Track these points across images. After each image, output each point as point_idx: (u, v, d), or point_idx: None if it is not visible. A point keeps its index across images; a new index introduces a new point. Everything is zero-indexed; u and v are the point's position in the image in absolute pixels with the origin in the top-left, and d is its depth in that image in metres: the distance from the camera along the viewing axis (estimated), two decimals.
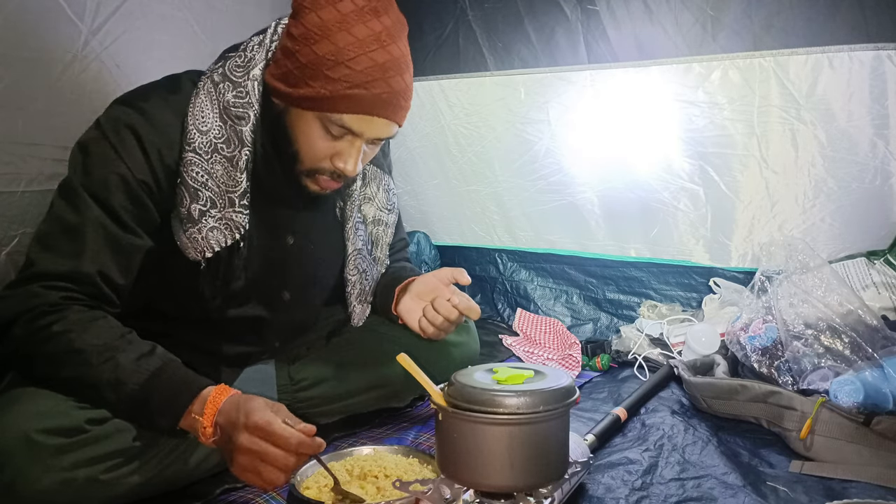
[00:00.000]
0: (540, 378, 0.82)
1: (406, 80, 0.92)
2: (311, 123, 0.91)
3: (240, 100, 0.93)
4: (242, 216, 0.95)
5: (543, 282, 1.99)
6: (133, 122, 0.90)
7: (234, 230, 0.94)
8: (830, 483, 1.00)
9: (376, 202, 1.17)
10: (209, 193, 0.93)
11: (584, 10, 1.72)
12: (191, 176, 0.91)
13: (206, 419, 0.81)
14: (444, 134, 2.02)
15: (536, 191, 1.93)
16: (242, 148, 0.93)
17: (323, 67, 0.87)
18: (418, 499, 0.82)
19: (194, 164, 0.91)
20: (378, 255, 1.19)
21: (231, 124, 0.93)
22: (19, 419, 0.80)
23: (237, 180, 0.93)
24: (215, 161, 0.92)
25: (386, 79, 0.88)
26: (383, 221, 1.19)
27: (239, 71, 0.94)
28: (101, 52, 1.35)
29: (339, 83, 0.87)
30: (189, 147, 0.91)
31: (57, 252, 0.88)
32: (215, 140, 0.92)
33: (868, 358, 1.12)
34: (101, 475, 0.83)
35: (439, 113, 2.00)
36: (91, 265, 0.88)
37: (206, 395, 0.82)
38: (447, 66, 1.96)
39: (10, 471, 0.78)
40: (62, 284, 0.87)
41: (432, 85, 1.99)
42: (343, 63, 0.86)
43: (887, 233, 1.48)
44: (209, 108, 0.93)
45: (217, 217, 0.93)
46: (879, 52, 1.41)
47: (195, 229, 0.92)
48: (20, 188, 1.24)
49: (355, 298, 1.15)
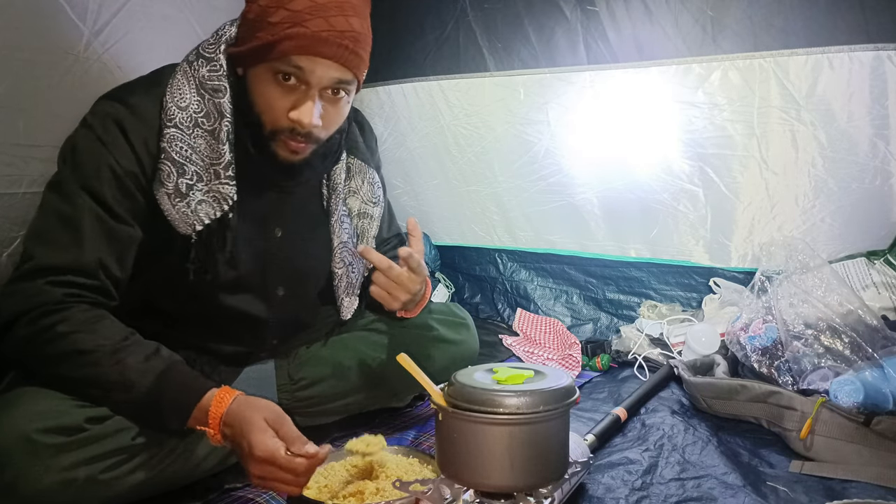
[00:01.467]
0: (540, 378, 0.82)
1: (351, 22, 0.91)
2: (263, 78, 0.92)
3: (214, 73, 0.94)
4: (229, 187, 0.95)
5: (543, 282, 2.00)
6: (117, 114, 0.92)
7: (222, 202, 0.95)
8: (830, 483, 1.00)
9: (361, 195, 1.17)
10: (194, 167, 0.94)
11: (583, 11, 1.72)
12: (175, 151, 0.92)
13: (213, 429, 0.83)
14: (444, 134, 2.02)
15: (536, 191, 1.93)
16: (222, 120, 0.94)
17: (265, 16, 0.89)
18: (418, 499, 0.83)
19: (177, 140, 0.93)
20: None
21: (209, 97, 0.94)
22: (19, 419, 0.80)
23: (220, 152, 0.94)
24: (197, 135, 0.94)
25: (326, 17, 0.88)
26: (368, 214, 1.18)
27: (211, 48, 0.96)
28: (102, 54, 1.35)
29: (279, 26, 0.88)
30: (171, 123, 0.92)
31: (56, 244, 0.89)
32: (195, 115, 0.94)
33: (868, 358, 1.12)
34: (101, 475, 0.83)
35: (439, 113, 2.01)
36: (91, 255, 0.89)
37: (207, 405, 0.84)
38: (447, 66, 1.97)
39: (11, 471, 0.79)
40: (65, 279, 0.88)
41: (432, 85, 1.99)
42: (282, 6, 0.88)
43: (887, 233, 1.48)
44: (186, 85, 0.95)
45: (204, 190, 0.94)
46: (879, 53, 1.41)
47: (183, 203, 0.93)
48: (21, 189, 1.24)
49: (343, 291, 1.15)
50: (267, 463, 0.79)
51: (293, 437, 0.82)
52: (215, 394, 0.85)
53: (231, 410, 0.83)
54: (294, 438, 0.82)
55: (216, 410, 0.83)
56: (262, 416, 0.82)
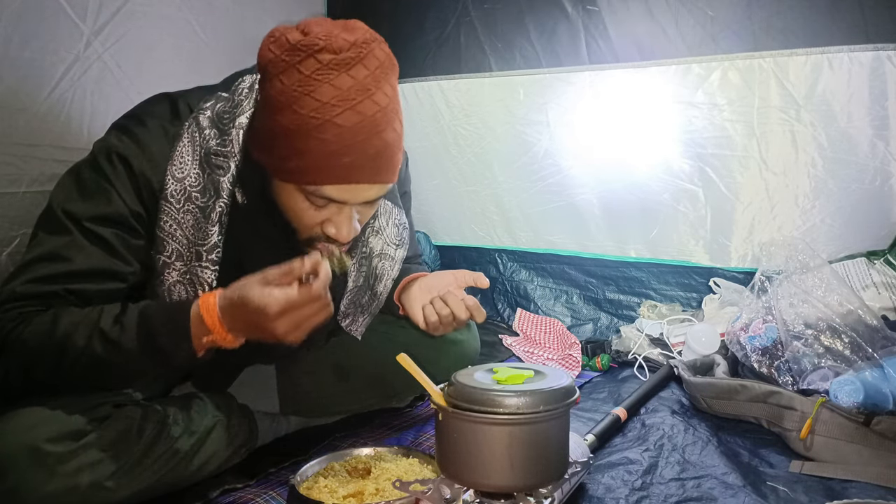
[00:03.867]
0: (540, 378, 0.82)
1: (386, 136, 0.82)
2: (293, 195, 0.85)
3: (223, 148, 0.86)
4: (209, 272, 0.88)
5: (543, 282, 2.00)
6: (125, 152, 0.85)
7: (198, 286, 0.88)
8: (830, 483, 1.00)
9: (384, 236, 1.10)
10: (176, 245, 0.88)
11: (584, 11, 1.73)
12: (158, 226, 0.87)
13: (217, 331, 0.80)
14: (444, 134, 2.02)
15: (536, 191, 1.93)
16: (217, 199, 0.87)
17: (290, 139, 0.79)
18: (418, 499, 0.83)
19: (164, 213, 0.87)
20: (379, 289, 1.12)
21: (209, 173, 0.87)
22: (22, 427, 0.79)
23: (207, 232, 0.87)
24: (186, 210, 0.87)
25: (359, 143, 0.80)
26: (389, 256, 1.11)
27: (226, 116, 0.87)
28: (102, 53, 1.35)
29: (308, 155, 0.79)
30: (161, 194, 0.86)
31: (50, 256, 0.84)
32: (190, 188, 0.87)
33: (868, 358, 1.12)
34: (105, 481, 0.82)
35: (439, 113, 2.01)
36: (90, 261, 0.85)
37: (198, 314, 0.80)
38: (447, 66, 1.97)
39: (15, 476, 0.78)
40: (30, 304, 0.83)
41: (432, 85, 1.99)
42: (309, 133, 0.78)
43: (887, 233, 1.49)
44: (189, 153, 0.87)
45: (182, 271, 0.88)
46: (879, 53, 1.41)
47: (157, 282, 0.88)
48: (21, 189, 1.24)
49: (347, 323, 1.12)
50: (288, 310, 0.76)
51: (285, 271, 0.78)
52: (199, 303, 0.81)
53: (221, 303, 0.80)
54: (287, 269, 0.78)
55: (209, 313, 0.79)
56: (249, 282, 0.78)
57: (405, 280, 1.15)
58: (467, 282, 1.09)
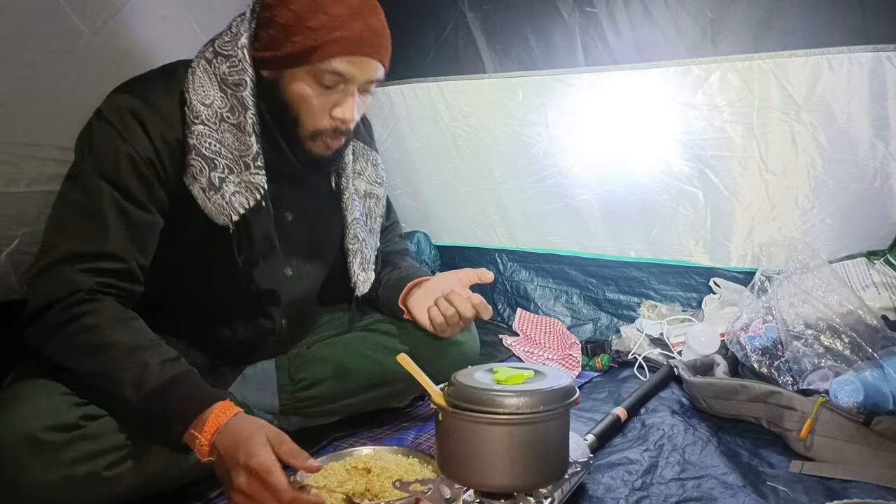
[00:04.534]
0: (540, 378, 0.82)
1: (381, 19, 0.97)
2: (304, 81, 0.95)
3: (234, 68, 0.96)
4: (260, 177, 0.98)
5: (543, 282, 2.00)
6: (134, 106, 0.93)
7: (254, 191, 0.97)
8: (830, 483, 1.00)
9: (366, 176, 1.21)
10: (224, 161, 0.96)
11: (582, 13, 1.72)
12: (205, 146, 0.95)
13: (205, 438, 0.82)
14: (443, 135, 2.02)
15: (535, 193, 1.93)
16: (247, 112, 0.96)
17: (303, 21, 0.91)
18: (418, 499, 0.82)
19: (205, 136, 0.95)
20: (373, 225, 1.23)
21: (231, 92, 0.96)
22: (19, 417, 0.81)
23: (248, 144, 0.97)
24: (224, 129, 0.96)
25: (363, 18, 0.93)
26: (374, 194, 1.23)
27: (228, 45, 0.97)
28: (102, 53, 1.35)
29: (320, 31, 0.91)
30: (197, 120, 0.94)
31: (80, 234, 0.90)
32: (220, 110, 0.96)
33: (868, 358, 1.12)
34: (101, 471, 0.84)
35: (438, 114, 2.01)
36: (115, 242, 0.90)
37: (208, 414, 0.83)
38: (446, 67, 1.96)
39: (12, 467, 0.79)
40: (93, 266, 0.89)
41: (431, 86, 1.99)
42: (320, 11, 0.91)
43: (887, 233, 1.49)
44: (208, 82, 0.96)
45: (237, 182, 0.97)
46: (879, 54, 1.41)
47: (218, 196, 0.96)
48: (20, 188, 1.24)
49: (358, 266, 1.18)
50: (258, 478, 0.77)
51: (296, 452, 0.81)
52: (218, 405, 0.84)
53: (230, 423, 0.82)
54: (297, 453, 0.81)
55: (214, 420, 0.82)
56: (263, 432, 0.81)
57: (410, 284, 1.17)
58: (471, 279, 1.14)
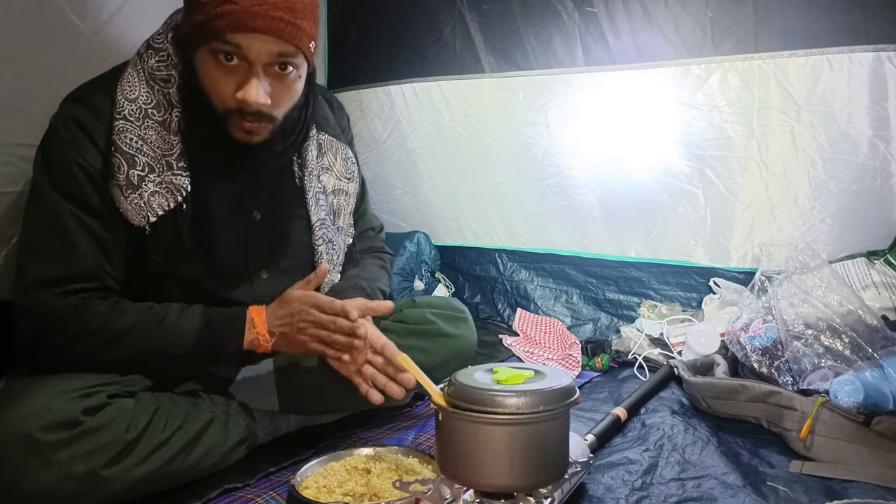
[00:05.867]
0: (540, 378, 0.82)
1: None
2: (206, 60, 0.92)
3: (162, 62, 0.96)
4: (182, 178, 0.96)
5: (543, 282, 2.00)
6: (77, 114, 0.94)
7: (175, 193, 0.96)
8: (830, 483, 1.00)
9: (334, 171, 1.17)
10: (146, 158, 0.95)
11: (582, 13, 1.73)
12: (125, 143, 0.93)
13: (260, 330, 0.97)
14: (443, 135, 2.02)
15: (535, 192, 1.93)
16: (172, 110, 0.96)
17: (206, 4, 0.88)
18: (418, 499, 0.82)
19: (126, 131, 0.94)
20: (341, 224, 1.19)
21: (159, 88, 0.96)
22: (17, 416, 0.81)
23: (171, 143, 0.96)
24: (148, 126, 0.95)
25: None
26: (343, 191, 1.19)
27: (159, 38, 0.98)
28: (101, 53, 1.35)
29: (209, 5, 0.88)
30: (119, 116, 0.94)
31: (51, 256, 0.92)
32: (145, 105, 0.95)
33: (868, 358, 1.12)
34: (99, 470, 0.84)
35: (438, 114, 2.01)
36: (87, 259, 0.92)
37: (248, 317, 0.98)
38: (445, 67, 1.97)
39: (9, 467, 0.79)
40: (71, 287, 0.91)
41: (431, 86, 1.99)
42: None
43: (887, 233, 1.49)
44: (135, 77, 0.96)
45: (157, 181, 0.95)
46: (879, 54, 1.41)
47: (136, 195, 0.94)
48: (20, 188, 1.24)
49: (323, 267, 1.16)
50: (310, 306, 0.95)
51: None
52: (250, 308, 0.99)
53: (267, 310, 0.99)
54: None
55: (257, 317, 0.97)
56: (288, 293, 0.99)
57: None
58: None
